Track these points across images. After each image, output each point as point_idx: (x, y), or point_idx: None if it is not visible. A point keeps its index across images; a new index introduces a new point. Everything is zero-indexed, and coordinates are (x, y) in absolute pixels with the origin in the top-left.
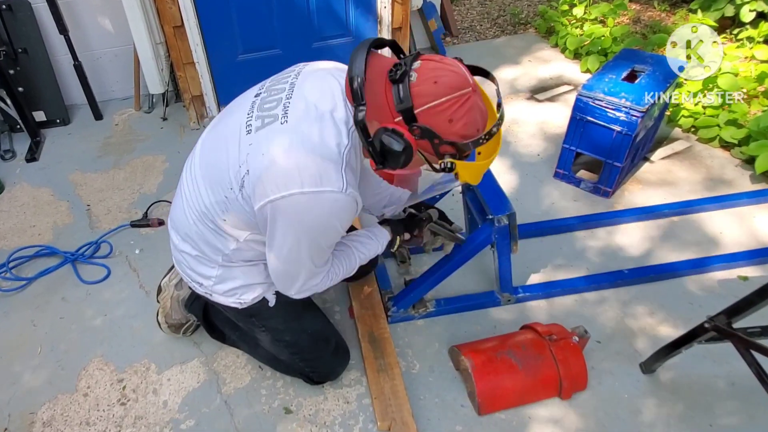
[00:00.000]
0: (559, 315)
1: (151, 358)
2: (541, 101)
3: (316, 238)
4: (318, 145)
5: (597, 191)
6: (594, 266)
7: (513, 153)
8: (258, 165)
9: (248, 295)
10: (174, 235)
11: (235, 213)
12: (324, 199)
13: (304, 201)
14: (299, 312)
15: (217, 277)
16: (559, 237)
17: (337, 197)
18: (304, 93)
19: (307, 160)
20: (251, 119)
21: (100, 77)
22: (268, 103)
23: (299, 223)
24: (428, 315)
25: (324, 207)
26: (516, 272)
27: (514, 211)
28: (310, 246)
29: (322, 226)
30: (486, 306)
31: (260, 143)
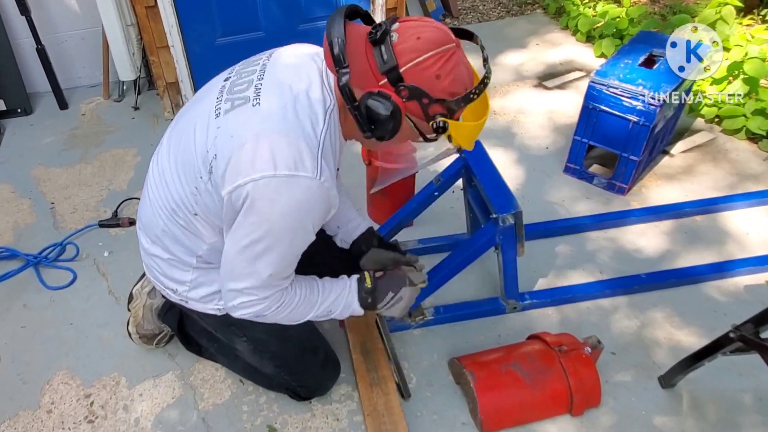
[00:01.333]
0: (570, 324)
1: (122, 371)
2: (550, 89)
3: (281, 235)
4: (293, 127)
5: (611, 188)
6: (608, 270)
7: (519, 145)
8: (226, 148)
9: None
10: (143, 237)
11: (207, 205)
12: (297, 186)
13: (275, 185)
14: None
15: (192, 282)
16: (570, 238)
17: (311, 185)
18: (277, 73)
19: (280, 142)
20: (220, 103)
21: (65, 62)
22: (238, 85)
23: (268, 210)
24: (426, 324)
25: (296, 194)
26: (522, 277)
27: (520, 210)
28: (272, 243)
29: (291, 219)
30: (489, 314)
31: (229, 125)
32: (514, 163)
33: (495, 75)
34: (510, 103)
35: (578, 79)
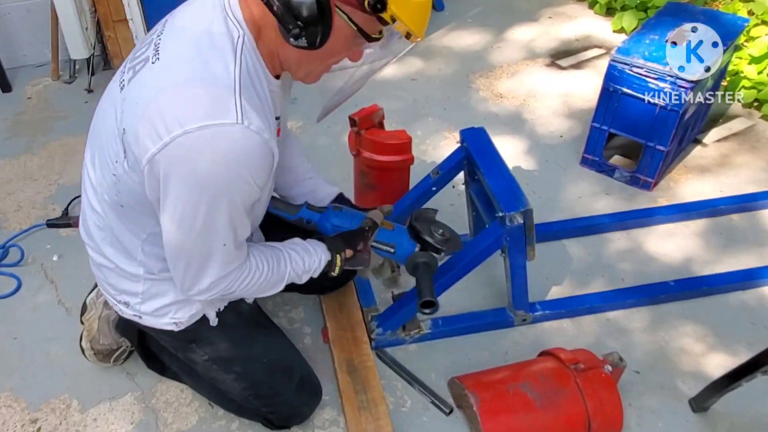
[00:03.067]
0: (588, 338)
1: (73, 392)
2: (565, 68)
3: (218, 197)
4: (197, 72)
5: (635, 182)
6: (631, 277)
7: (529, 133)
8: (133, 117)
9: (183, 313)
10: (87, 247)
11: (130, 191)
12: (216, 137)
13: (190, 143)
14: (251, 334)
15: (144, 293)
16: (588, 240)
17: (233, 132)
18: (176, 23)
19: (185, 93)
20: (124, 74)
21: (8, 38)
22: (140, 51)
23: (191, 174)
24: (423, 338)
25: (219, 147)
26: (533, 284)
27: (530, 208)
28: (210, 206)
29: (224, 176)
30: (495, 327)
31: (132, 94)
32: (524, 154)
33: (502, 53)
34: (519, 84)
35: (597, 57)
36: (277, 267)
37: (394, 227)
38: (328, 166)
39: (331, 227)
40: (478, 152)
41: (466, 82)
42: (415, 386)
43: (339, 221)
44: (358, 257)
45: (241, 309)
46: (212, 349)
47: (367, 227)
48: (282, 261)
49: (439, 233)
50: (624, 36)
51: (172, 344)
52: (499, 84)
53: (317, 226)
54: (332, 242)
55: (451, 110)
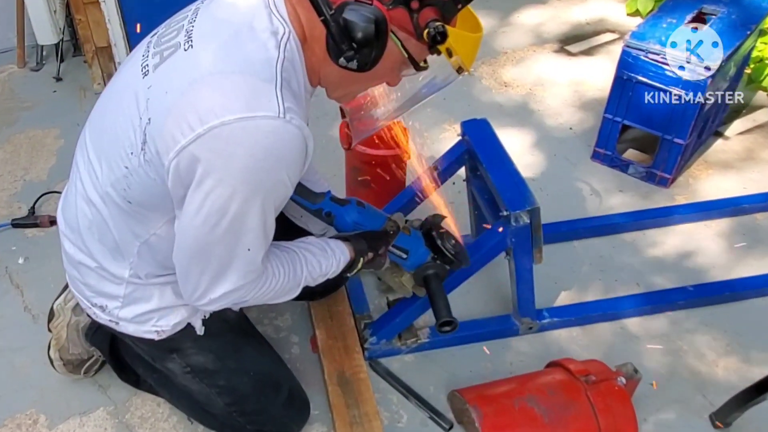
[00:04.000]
0: (600, 348)
1: (41, 407)
2: (575, 54)
3: (251, 196)
4: (238, 62)
5: (651, 178)
6: (647, 281)
7: (537, 125)
8: (161, 107)
9: (167, 321)
10: (66, 241)
11: (143, 186)
12: (257, 129)
13: (227, 135)
14: (238, 345)
15: (126, 297)
16: (600, 241)
17: (275, 126)
18: (212, 11)
19: (224, 82)
20: (147, 59)
21: None
22: (167, 35)
23: (227, 167)
24: (420, 348)
25: (259, 140)
26: (540, 289)
27: (538, 206)
28: (240, 212)
29: (260, 173)
30: (499, 335)
31: (161, 81)
32: (531, 148)
33: (508, 38)
34: (525, 72)
35: (610, 42)
36: (293, 273)
37: (411, 232)
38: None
39: (351, 223)
40: (480, 146)
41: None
42: (412, 400)
43: (361, 219)
44: (376, 261)
45: (227, 317)
46: (195, 360)
47: (392, 231)
48: (298, 265)
49: (451, 243)
50: (639, 19)
51: (150, 353)
52: (503, 72)
53: (335, 219)
54: (357, 243)
55: (451, 100)
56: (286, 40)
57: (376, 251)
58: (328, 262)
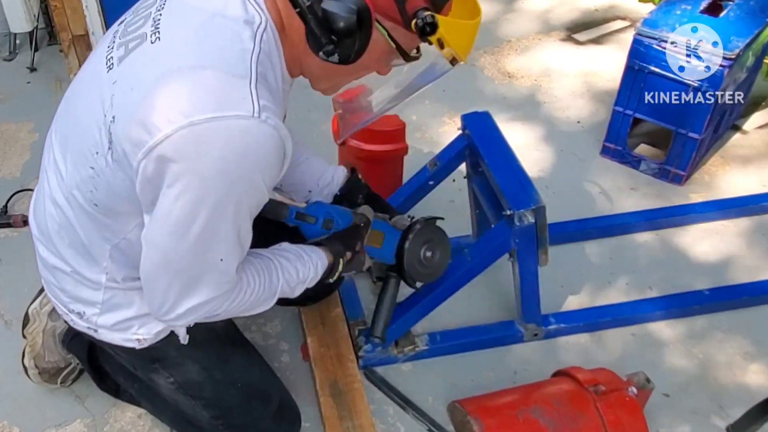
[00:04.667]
0: (610, 356)
1: (14, 418)
2: (583, 43)
3: (224, 197)
4: (208, 55)
5: (664, 175)
6: (660, 284)
7: (543, 119)
8: (127, 105)
9: (149, 328)
10: (40, 244)
11: (110, 188)
12: (228, 130)
13: (196, 136)
14: (225, 354)
15: (105, 303)
16: (610, 242)
17: (248, 126)
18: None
19: (193, 78)
20: (112, 51)
21: None
22: (133, 24)
23: (196, 171)
24: (418, 356)
25: (231, 141)
26: (546, 293)
27: (543, 205)
28: (213, 211)
29: (232, 177)
30: (502, 342)
31: (126, 76)
32: (537, 142)
33: (511, 25)
34: (531, 62)
35: (620, 30)
36: (269, 282)
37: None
38: None
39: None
40: (482, 140)
41: (469, 59)
42: (410, 411)
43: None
44: (355, 260)
45: (213, 325)
46: (180, 370)
47: (362, 223)
48: (274, 273)
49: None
50: (651, 5)
51: (131, 363)
52: (507, 61)
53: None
54: (333, 245)
55: (451, 92)
56: (263, 30)
57: (353, 249)
58: (305, 268)
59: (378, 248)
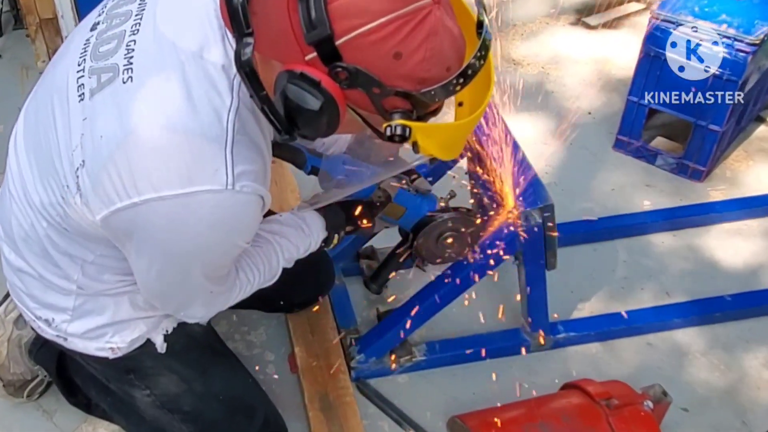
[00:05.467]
0: (623, 367)
1: None
2: (595, 28)
3: (200, 263)
4: (180, 114)
5: (682, 170)
6: (679, 290)
7: (551, 110)
8: (95, 154)
9: (123, 336)
10: (5, 245)
11: (79, 225)
12: (199, 205)
13: (166, 212)
14: (205, 364)
15: (75, 310)
16: (624, 243)
17: (220, 200)
18: (157, 23)
19: (163, 144)
20: (83, 76)
21: None
22: (105, 44)
23: (163, 245)
24: (416, 367)
25: (202, 216)
26: (555, 299)
27: (551, 203)
28: (191, 271)
29: (205, 246)
30: (506, 353)
31: (96, 118)
32: (545, 135)
33: (517, 7)
34: (538, 48)
35: (635, 13)
36: (269, 267)
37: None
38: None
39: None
40: (485, 133)
41: None
42: (406, 427)
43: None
44: (360, 231)
45: (193, 332)
46: (156, 382)
47: (378, 202)
48: (273, 258)
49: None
50: None
51: (103, 374)
52: (512, 47)
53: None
54: (332, 218)
55: None
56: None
57: (356, 225)
58: (305, 243)
59: (395, 220)
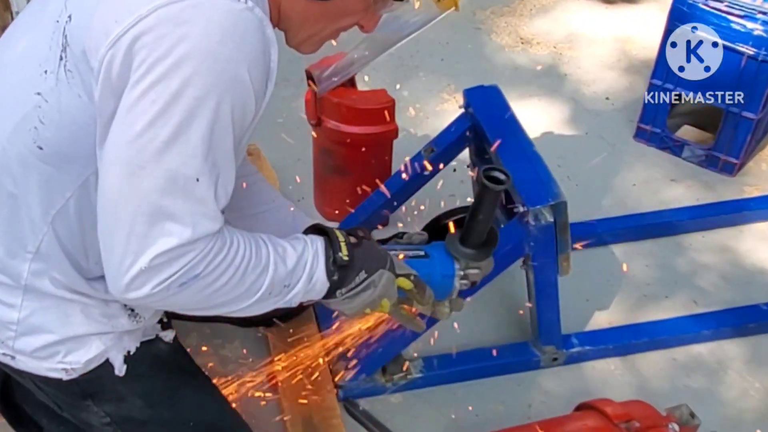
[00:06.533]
0: (646, 385)
1: None
2: (614, 2)
3: (204, 87)
4: None
5: (712, 163)
6: (708, 297)
7: (566, 94)
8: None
9: (78, 355)
10: None
11: (58, 121)
12: (212, 6)
13: (177, 13)
14: (173, 386)
15: (21, 323)
16: (646, 245)
17: (233, 7)
18: None
19: None
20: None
21: None
22: None
23: (173, 54)
24: (411, 385)
25: (214, 19)
26: (568, 308)
27: (564, 200)
28: (190, 104)
29: (216, 57)
30: (514, 369)
31: None
32: (558, 124)
33: None
34: (550, 25)
35: None
36: (257, 250)
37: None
38: (274, 143)
39: None
40: (489, 121)
41: (473, 21)
42: None
43: None
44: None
45: (158, 351)
46: (118, 408)
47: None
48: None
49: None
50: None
51: (56, 399)
52: (522, 25)
53: None
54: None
55: (451, 61)
56: None
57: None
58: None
59: None
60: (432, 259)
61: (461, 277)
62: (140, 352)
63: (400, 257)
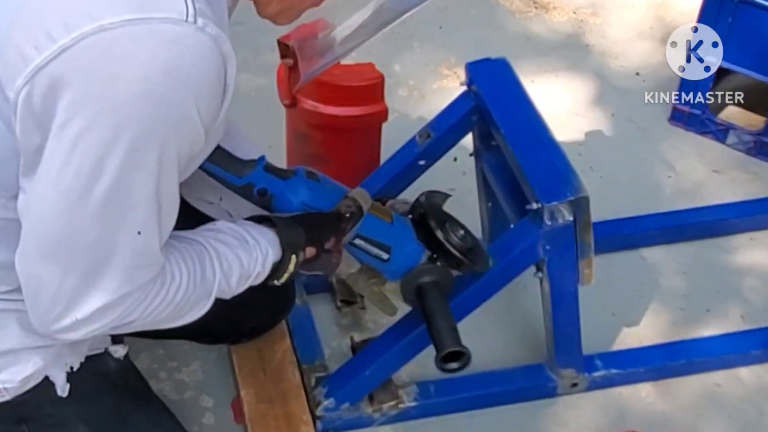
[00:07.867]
0: (683, 415)
1: None
2: None
3: (144, 132)
4: None
5: (762, 151)
6: (757, 312)
7: (589, 69)
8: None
9: (12, 373)
10: None
11: None
12: (151, 37)
13: (107, 45)
14: (122, 411)
15: None
16: (683, 249)
17: (179, 34)
18: None
19: None
20: None
21: None
22: None
23: (105, 95)
24: (403, 416)
25: (154, 54)
26: (590, 324)
27: (586, 195)
28: (129, 153)
29: (156, 102)
30: (527, 397)
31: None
32: (577, 105)
33: None
34: None
35: None
36: (201, 275)
37: (393, 219)
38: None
39: (299, 205)
40: (497, 101)
41: None
42: None
43: (313, 197)
44: (322, 260)
45: (106, 368)
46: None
47: (348, 213)
48: (207, 264)
49: (458, 235)
50: None
51: None
52: None
53: (273, 200)
54: (288, 231)
55: (451, 29)
56: None
57: (320, 244)
58: (251, 257)
59: (385, 257)
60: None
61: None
62: (85, 368)
63: None
